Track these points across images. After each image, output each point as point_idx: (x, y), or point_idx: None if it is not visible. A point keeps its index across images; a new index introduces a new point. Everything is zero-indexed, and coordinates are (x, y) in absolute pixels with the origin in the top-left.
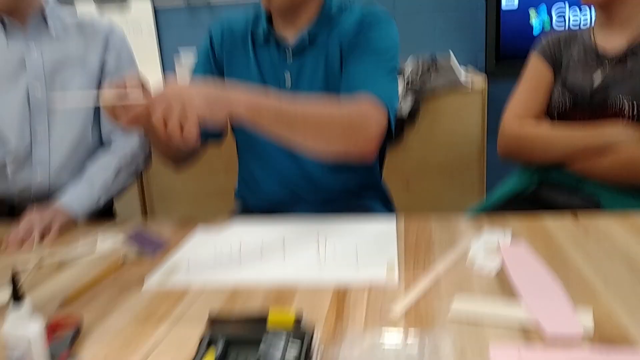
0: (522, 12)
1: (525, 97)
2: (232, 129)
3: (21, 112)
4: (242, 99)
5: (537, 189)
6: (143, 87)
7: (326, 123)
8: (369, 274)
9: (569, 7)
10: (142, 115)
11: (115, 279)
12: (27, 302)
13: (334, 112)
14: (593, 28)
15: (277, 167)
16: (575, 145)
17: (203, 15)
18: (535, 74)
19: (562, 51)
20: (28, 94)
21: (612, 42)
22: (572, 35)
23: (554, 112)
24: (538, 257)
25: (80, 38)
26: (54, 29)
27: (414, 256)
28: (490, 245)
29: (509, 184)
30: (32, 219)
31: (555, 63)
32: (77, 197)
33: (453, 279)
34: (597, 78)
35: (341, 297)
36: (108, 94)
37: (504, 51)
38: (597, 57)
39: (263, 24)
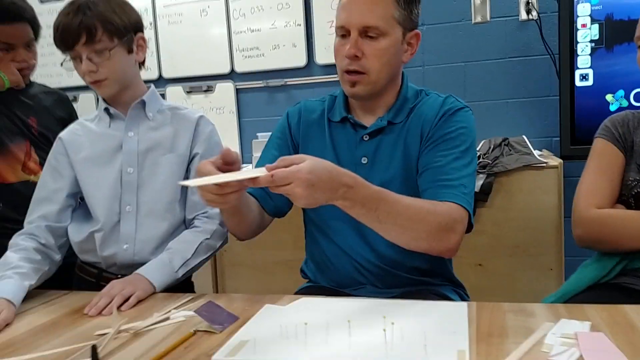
0: (597, 90)
1: (599, 183)
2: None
3: (113, 189)
4: (342, 191)
5: (618, 276)
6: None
7: (417, 221)
8: None
9: None
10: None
11: (186, 350)
12: None
13: (426, 212)
14: None
15: (347, 246)
16: None
17: (280, 94)
18: (606, 158)
19: (632, 134)
20: (121, 173)
21: None
22: (637, 117)
23: (629, 198)
24: (618, 349)
25: (173, 124)
26: (151, 117)
27: (487, 344)
28: (568, 335)
29: (588, 271)
30: (114, 286)
31: (626, 146)
32: (158, 269)
33: None
34: None
35: None
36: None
37: (580, 134)
38: None
39: (340, 110)
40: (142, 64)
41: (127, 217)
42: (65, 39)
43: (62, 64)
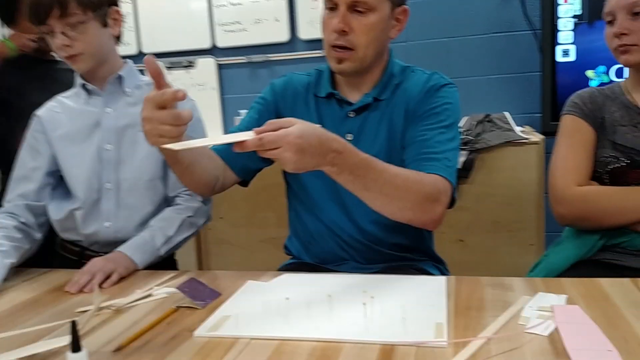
0: (578, 66)
1: (574, 160)
2: (287, 180)
3: (91, 166)
4: (331, 157)
5: (598, 252)
6: None
7: (404, 190)
8: (416, 334)
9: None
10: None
11: (168, 326)
12: (84, 353)
13: (412, 182)
14: (624, 87)
15: (331, 221)
16: None
17: (262, 70)
18: (577, 135)
19: (601, 110)
20: (99, 149)
21: None
22: (603, 94)
23: (603, 175)
24: (593, 321)
25: None
26: (129, 92)
27: (465, 317)
28: (544, 308)
29: (569, 249)
30: (95, 264)
31: (596, 122)
32: (140, 247)
33: (505, 341)
34: None
35: (387, 356)
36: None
37: (561, 110)
38: None
39: (326, 86)
40: (118, 38)
41: (108, 194)
42: (38, 12)
43: (35, 41)
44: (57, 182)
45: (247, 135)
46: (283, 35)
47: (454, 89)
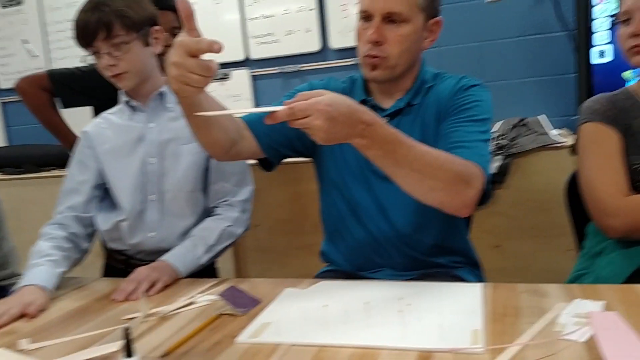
0: (615, 67)
1: (613, 169)
2: (323, 186)
3: (136, 178)
4: (361, 128)
5: None
6: None
7: (435, 167)
8: (453, 341)
9: None
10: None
11: (211, 333)
12: (136, 358)
13: (444, 160)
14: (634, 91)
15: (368, 224)
16: None
17: (295, 80)
18: (608, 142)
19: (627, 115)
20: (143, 163)
21: None
22: (620, 98)
23: (636, 183)
24: (632, 328)
25: None
26: (171, 107)
27: (501, 324)
28: (581, 314)
29: (616, 264)
30: (140, 273)
31: (621, 128)
32: (182, 256)
33: (541, 348)
34: None
35: None
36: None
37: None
38: None
39: (360, 93)
40: (160, 55)
41: (152, 205)
42: (85, 35)
43: (83, 61)
44: (104, 194)
45: (278, 107)
46: (314, 45)
47: (484, 88)
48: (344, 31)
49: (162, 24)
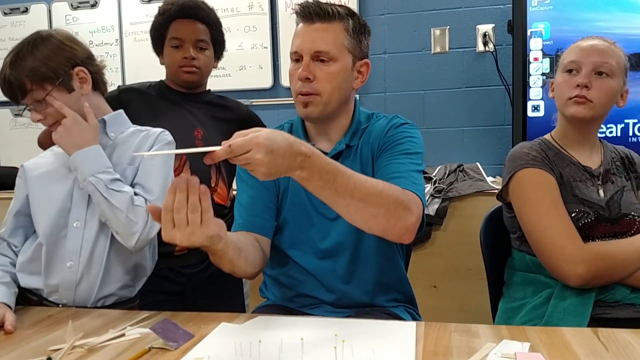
0: (547, 121)
1: (565, 217)
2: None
3: (62, 203)
4: (300, 160)
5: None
6: None
7: (375, 194)
8: None
9: None
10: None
11: None
12: None
13: (382, 187)
14: (556, 142)
15: (305, 259)
16: None
17: None
18: (554, 189)
19: (557, 164)
20: (73, 189)
21: (587, 159)
22: (544, 147)
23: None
24: None
25: (133, 140)
26: (113, 137)
27: None
28: (508, 355)
29: (570, 312)
30: None
31: (556, 176)
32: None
33: None
34: (603, 191)
35: None
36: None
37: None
38: (586, 173)
39: (299, 136)
40: (97, 89)
41: (72, 232)
42: (9, 95)
43: (19, 114)
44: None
45: (216, 147)
46: (266, 82)
47: (414, 127)
48: None
49: (189, 34)
